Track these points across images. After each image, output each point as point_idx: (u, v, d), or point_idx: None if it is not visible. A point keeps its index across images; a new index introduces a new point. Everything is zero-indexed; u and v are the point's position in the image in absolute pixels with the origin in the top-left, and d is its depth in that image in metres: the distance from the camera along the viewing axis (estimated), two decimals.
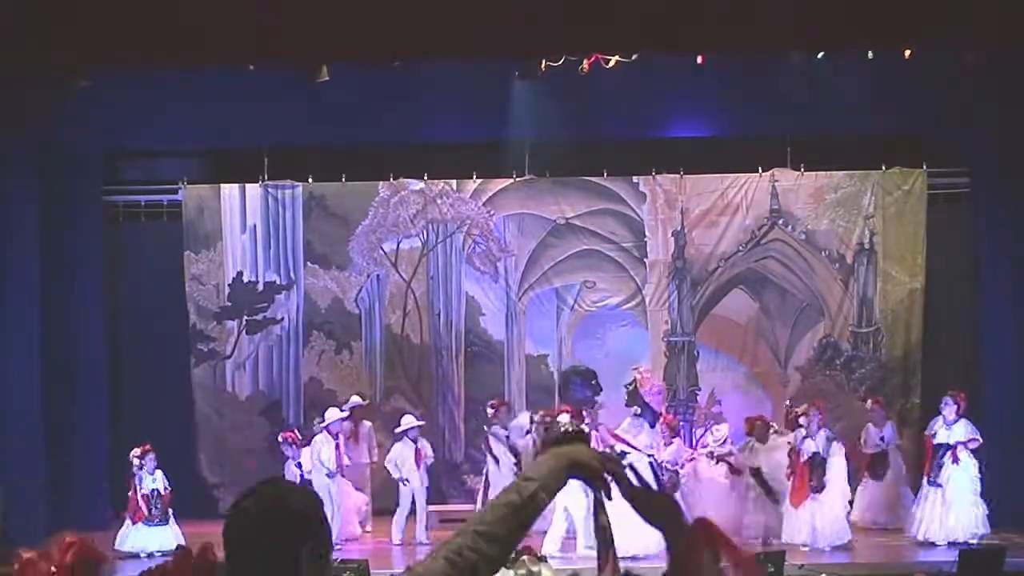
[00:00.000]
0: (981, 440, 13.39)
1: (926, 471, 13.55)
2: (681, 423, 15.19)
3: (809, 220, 16.69)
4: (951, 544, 12.84)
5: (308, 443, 14.17)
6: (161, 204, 16.93)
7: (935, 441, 13.43)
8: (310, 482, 13.35)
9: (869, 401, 15.24)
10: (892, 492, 14.64)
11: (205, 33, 11.06)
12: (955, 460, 13.26)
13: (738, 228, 16.72)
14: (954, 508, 13.17)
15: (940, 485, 13.26)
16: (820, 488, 13.26)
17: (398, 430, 14.73)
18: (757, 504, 13.68)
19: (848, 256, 16.67)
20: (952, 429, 13.35)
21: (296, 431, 14.66)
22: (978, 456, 13.40)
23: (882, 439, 14.62)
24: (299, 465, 13.86)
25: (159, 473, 13.92)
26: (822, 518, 13.15)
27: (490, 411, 14.93)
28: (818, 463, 13.35)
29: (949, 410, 13.40)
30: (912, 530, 13.48)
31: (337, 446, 14.50)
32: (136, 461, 13.81)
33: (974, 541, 12.95)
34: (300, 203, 16.82)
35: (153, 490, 13.79)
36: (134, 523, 13.89)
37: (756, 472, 13.77)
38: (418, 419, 14.91)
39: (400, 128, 15.70)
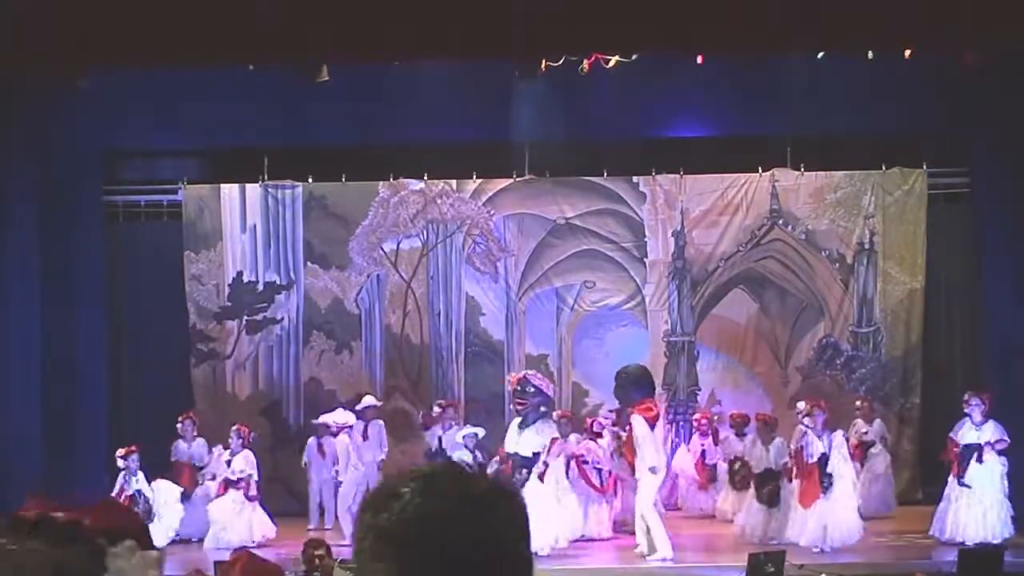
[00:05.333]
0: (1009, 441, 13.33)
1: (954, 472, 13.43)
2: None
3: (809, 220, 16.68)
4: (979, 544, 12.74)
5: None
6: (161, 204, 16.93)
7: (964, 442, 13.34)
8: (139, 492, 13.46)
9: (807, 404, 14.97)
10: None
11: (205, 33, 11.06)
12: (979, 459, 13.21)
13: (738, 228, 16.71)
14: (980, 508, 13.12)
15: (969, 485, 13.20)
16: (829, 489, 13.22)
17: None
18: (751, 507, 13.75)
19: (848, 256, 16.67)
20: (982, 430, 13.28)
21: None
22: (1008, 456, 13.34)
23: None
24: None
25: (141, 475, 13.77)
26: (833, 519, 13.10)
27: (437, 410, 14.99)
28: (825, 463, 13.32)
29: (977, 412, 13.33)
30: (937, 531, 13.37)
31: (319, 446, 15.06)
32: (120, 462, 13.74)
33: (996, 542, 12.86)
34: (300, 203, 16.82)
35: (137, 491, 13.67)
36: None
37: (760, 475, 13.80)
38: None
39: (400, 128, 15.70)
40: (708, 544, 14.10)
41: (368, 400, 15.18)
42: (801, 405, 13.75)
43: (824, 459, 13.25)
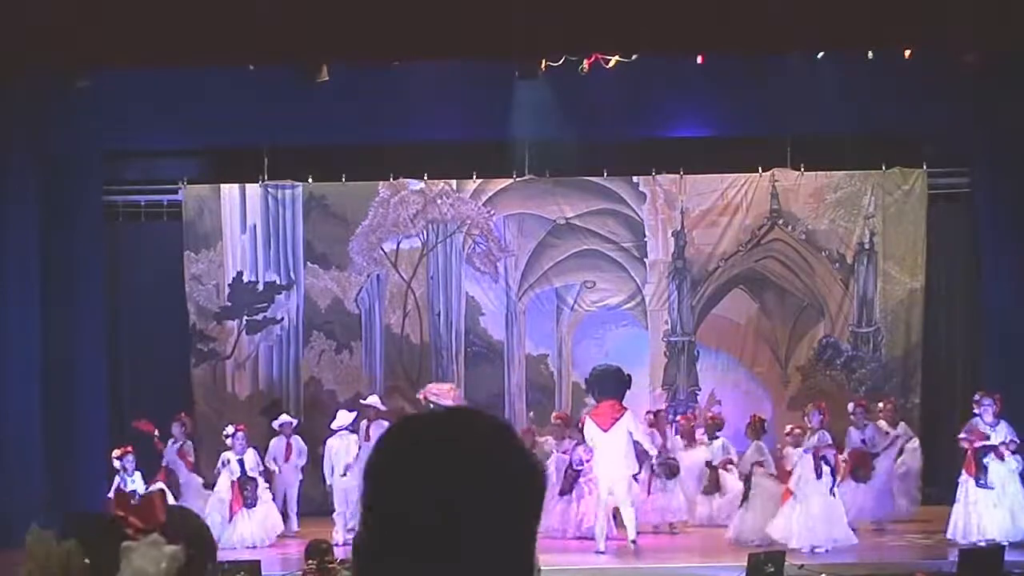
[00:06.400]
0: (1020, 441, 13.27)
1: (971, 473, 13.33)
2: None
3: (809, 220, 16.69)
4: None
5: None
6: (161, 204, 16.93)
7: (981, 443, 13.26)
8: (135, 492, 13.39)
9: (851, 404, 14.91)
10: (876, 493, 14.50)
11: (205, 33, 11.06)
12: (1000, 457, 13.13)
13: (738, 228, 16.72)
14: (1004, 508, 13.06)
15: (991, 487, 13.12)
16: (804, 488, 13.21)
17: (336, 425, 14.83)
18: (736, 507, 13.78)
19: (848, 256, 16.68)
20: (996, 430, 13.23)
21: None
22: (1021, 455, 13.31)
23: (863, 442, 14.49)
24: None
25: (138, 475, 13.78)
26: (804, 519, 13.03)
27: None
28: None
29: (988, 412, 13.24)
30: (952, 532, 13.26)
31: (287, 447, 15.11)
32: (116, 463, 13.74)
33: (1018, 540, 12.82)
34: (300, 203, 16.82)
35: (133, 491, 13.62)
36: None
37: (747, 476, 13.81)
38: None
39: (400, 128, 15.69)
40: (683, 545, 14.11)
41: (372, 400, 15.19)
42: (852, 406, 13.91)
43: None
